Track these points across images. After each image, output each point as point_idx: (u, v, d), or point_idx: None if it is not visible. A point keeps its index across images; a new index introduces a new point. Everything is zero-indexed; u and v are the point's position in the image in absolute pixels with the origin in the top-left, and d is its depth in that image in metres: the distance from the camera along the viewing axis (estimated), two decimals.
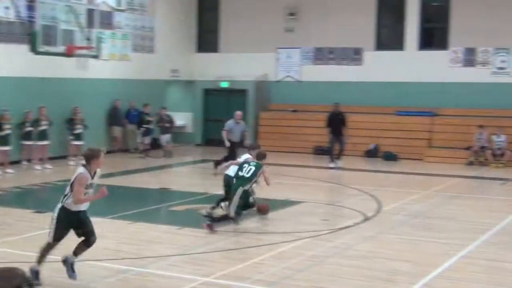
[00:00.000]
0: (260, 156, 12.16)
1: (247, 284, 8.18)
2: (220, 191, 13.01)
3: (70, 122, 20.90)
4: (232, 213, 11.42)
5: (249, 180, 11.62)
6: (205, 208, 12.55)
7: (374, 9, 25.66)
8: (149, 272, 8.65)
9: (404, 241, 10.84)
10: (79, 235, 8.15)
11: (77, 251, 8.14)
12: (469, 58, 24.33)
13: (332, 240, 10.70)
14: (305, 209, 13.61)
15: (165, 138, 23.04)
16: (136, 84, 24.57)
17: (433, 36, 25.86)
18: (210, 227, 10.99)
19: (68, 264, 8.05)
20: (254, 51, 27.08)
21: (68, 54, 21.34)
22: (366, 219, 12.45)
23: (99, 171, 8.19)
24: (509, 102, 23.49)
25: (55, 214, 8.03)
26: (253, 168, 11.66)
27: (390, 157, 23.36)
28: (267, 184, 11.91)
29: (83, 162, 8.16)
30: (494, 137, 22.37)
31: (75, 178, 7.96)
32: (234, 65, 27.19)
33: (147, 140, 23.07)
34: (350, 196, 15.54)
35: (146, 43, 25.50)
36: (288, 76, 27.16)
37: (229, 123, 19.06)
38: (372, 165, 21.83)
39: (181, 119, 27.22)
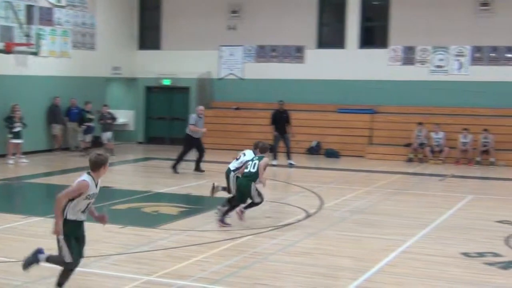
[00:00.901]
0: (264, 149, 12.29)
1: (189, 282, 8.17)
2: (162, 189, 13.00)
3: (9, 120, 20.46)
4: (259, 199, 11.78)
5: (257, 174, 11.76)
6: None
7: (315, 8, 25.88)
8: (91, 272, 8.55)
9: (346, 237, 10.98)
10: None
11: (52, 260, 7.47)
12: (408, 57, 24.76)
13: (274, 237, 10.77)
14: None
15: (106, 136, 22.77)
16: (76, 81, 24.23)
17: (373, 35, 26.23)
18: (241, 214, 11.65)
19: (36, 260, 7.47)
20: (196, 48, 27.01)
21: (7, 50, 20.88)
22: (308, 216, 12.56)
23: (99, 181, 7.44)
24: (447, 100, 24.00)
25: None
26: (257, 162, 11.86)
27: (332, 154, 23.60)
28: (261, 181, 11.90)
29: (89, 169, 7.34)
30: (432, 134, 22.84)
31: (77, 182, 7.24)
32: (177, 62, 27.06)
33: (88, 138, 22.78)
34: (293, 193, 15.66)
35: (86, 40, 25.17)
36: (230, 74, 27.18)
37: (193, 117, 18.78)
38: (314, 162, 22.03)
39: (123, 116, 26.96)
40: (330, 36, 26.55)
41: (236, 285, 8.09)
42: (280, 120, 21.31)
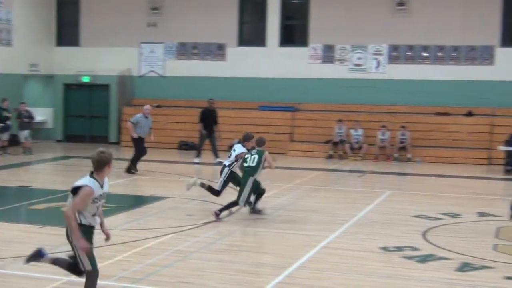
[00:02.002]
0: (261, 143, 12.36)
1: (111, 281, 8.07)
2: None
3: None
4: (242, 203, 11.97)
5: (257, 168, 11.95)
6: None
7: (236, 6, 25.96)
8: (9, 274, 8.34)
9: (268, 234, 11.07)
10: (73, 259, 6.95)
11: (58, 262, 7.18)
12: (328, 55, 25.13)
13: (197, 235, 10.75)
14: (170, 204, 13.59)
15: (24, 134, 22.22)
16: None
17: (294, 33, 26.52)
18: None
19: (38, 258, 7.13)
20: (116, 45, 26.70)
21: None
22: (231, 213, 12.58)
23: (107, 179, 6.98)
24: (366, 98, 24.48)
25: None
26: (257, 156, 11.99)
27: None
28: (271, 167, 12.16)
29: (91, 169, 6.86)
30: (352, 131, 23.25)
31: (80, 189, 6.68)
32: (96, 59, 26.69)
33: (5, 136, 22.17)
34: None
35: (2, 36, 24.53)
36: (151, 71, 26.97)
37: (138, 116, 18.26)
38: None
39: (41, 114, 26.40)
40: (251, 34, 26.70)
41: (158, 284, 8.04)
42: (209, 118, 21.17)
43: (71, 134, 27.31)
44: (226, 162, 12.81)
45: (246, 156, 12.17)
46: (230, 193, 12.87)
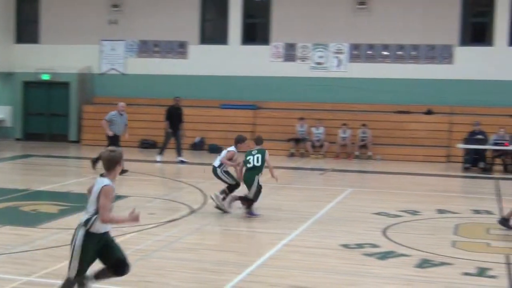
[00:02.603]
0: (260, 141, 12.58)
1: None
2: (42, 187, 12.65)
3: None
4: (252, 196, 12.12)
5: (261, 167, 12.15)
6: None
7: (198, 3, 25.92)
8: None
9: (230, 232, 11.07)
10: (107, 265, 6.76)
11: (99, 276, 6.82)
12: (289, 53, 25.22)
13: (158, 233, 10.70)
14: (131, 203, 13.48)
15: None
16: None
17: (256, 31, 26.55)
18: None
19: (83, 284, 6.69)
20: (76, 42, 26.46)
21: None
22: (192, 211, 12.57)
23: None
24: (327, 96, 24.63)
25: (79, 242, 6.48)
26: (260, 155, 12.14)
27: (215, 149, 23.65)
28: (270, 167, 12.25)
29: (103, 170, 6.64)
30: (313, 129, 23.37)
31: (100, 191, 6.46)
32: (56, 57, 26.41)
33: None
34: (176, 189, 15.63)
35: None
36: (112, 69, 26.77)
37: (112, 114, 17.92)
38: (198, 158, 22.05)
39: (0, 112, 26.02)
40: (213, 32, 26.68)
41: (119, 283, 7.98)
42: (175, 116, 21.08)
43: (30, 133, 26.98)
44: (216, 163, 12.85)
45: (248, 158, 12.27)
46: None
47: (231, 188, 12.75)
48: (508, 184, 18.05)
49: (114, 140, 17.71)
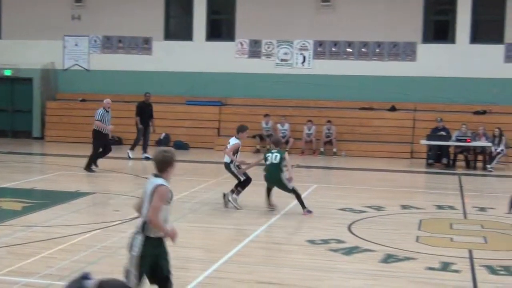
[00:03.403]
0: (279, 142, 13.18)
1: (35, 279, 7.91)
2: (5, 184, 12.47)
3: None
4: (292, 189, 12.49)
5: (280, 164, 12.40)
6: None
7: None
8: None
9: (196, 229, 11.06)
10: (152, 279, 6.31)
11: None
12: (254, 50, 25.24)
13: (124, 230, 10.63)
14: (96, 200, 13.41)
15: None
16: None
17: (220, 28, 26.51)
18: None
19: None
20: (39, 38, 26.16)
21: None
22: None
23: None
24: (292, 92, 24.71)
25: (137, 248, 6.11)
26: (278, 154, 12.45)
27: (181, 146, 23.64)
28: (289, 169, 12.62)
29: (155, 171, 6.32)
30: (278, 126, 23.43)
31: (154, 191, 6.14)
32: (18, 52, 26.07)
33: None
34: (142, 186, 15.51)
35: None
36: (75, 65, 26.53)
37: (100, 112, 17.56)
38: None
39: None
40: (178, 28, 26.58)
41: None
42: (145, 112, 20.99)
43: None
44: (227, 160, 13.12)
45: (267, 155, 12.60)
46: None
47: (244, 184, 12.93)
48: (470, 179, 18.32)
49: (104, 138, 17.54)
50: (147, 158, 20.33)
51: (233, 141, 13.05)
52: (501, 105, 23.34)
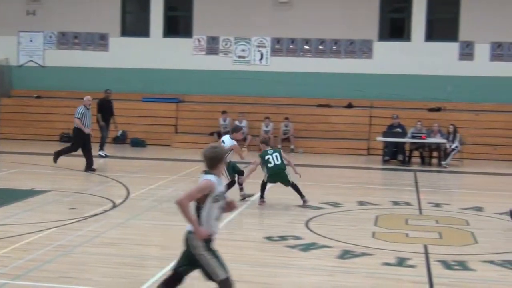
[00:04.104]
0: (268, 142, 13.59)
1: None
2: None
3: None
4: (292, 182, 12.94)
5: (284, 164, 12.85)
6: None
7: None
8: None
9: (153, 226, 11.00)
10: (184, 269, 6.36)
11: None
12: (212, 47, 25.19)
13: (80, 228, 10.54)
14: (52, 198, 13.25)
15: None
16: None
17: (178, 24, 26.40)
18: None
19: None
20: None
21: None
22: (115, 206, 12.43)
23: (222, 179, 6.31)
24: (249, 89, 24.73)
25: (202, 249, 6.20)
26: (277, 153, 12.88)
27: (138, 143, 23.50)
28: (295, 172, 13.09)
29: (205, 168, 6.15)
30: (236, 123, 23.39)
31: (200, 181, 6.13)
32: None
33: None
34: (99, 184, 15.41)
35: None
36: (30, 61, 26.15)
37: (80, 110, 17.17)
38: (120, 152, 21.80)
39: None
40: (135, 24, 26.39)
41: (40, 279, 7.84)
42: (107, 109, 20.80)
43: None
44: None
45: (266, 158, 12.81)
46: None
47: (229, 185, 12.84)
48: (425, 176, 18.56)
49: (84, 136, 17.14)
50: (100, 156, 20.15)
51: (228, 141, 13.00)
52: (456, 102, 23.69)
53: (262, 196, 12.96)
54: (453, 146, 20.62)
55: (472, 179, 18.67)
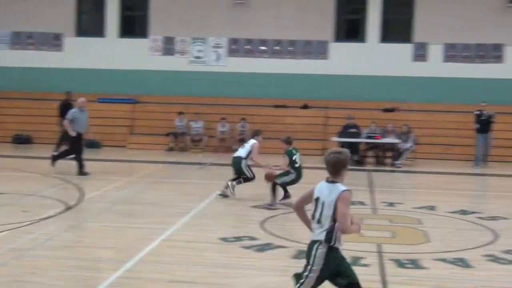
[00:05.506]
0: (292, 141, 13.86)
1: None
2: None
3: None
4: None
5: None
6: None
7: None
8: None
9: (108, 229, 10.92)
10: (341, 285, 5.91)
11: None
12: (168, 47, 25.10)
13: (33, 231, 10.40)
14: (4, 200, 13.05)
15: None
16: None
17: (134, 24, 26.25)
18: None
19: None
20: None
21: None
22: (69, 208, 12.30)
23: None
24: (206, 90, 24.71)
25: (320, 260, 5.79)
26: (298, 153, 13.65)
27: (93, 144, 23.25)
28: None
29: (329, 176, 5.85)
30: (192, 124, 23.38)
31: (338, 198, 5.70)
32: None
33: None
34: (52, 186, 15.22)
35: None
36: None
37: (73, 111, 16.55)
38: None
39: None
40: (90, 24, 26.16)
41: None
42: (67, 111, 20.49)
43: None
44: (242, 154, 14.01)
45: (294, 158, 13.41)
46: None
47: (248, 180, 13.90)
48: (379, 175, 18.77)
49: (77, 140, 16.61)
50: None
51: (253, 142, 14.09)
52: (409, 103, 24.00)
53: (287, 192, 13.34)
54: (406, 146, 20.89)
55: (425, 179, 18.94)
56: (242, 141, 23.07)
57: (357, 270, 8.59)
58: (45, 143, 20.66)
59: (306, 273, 5.83)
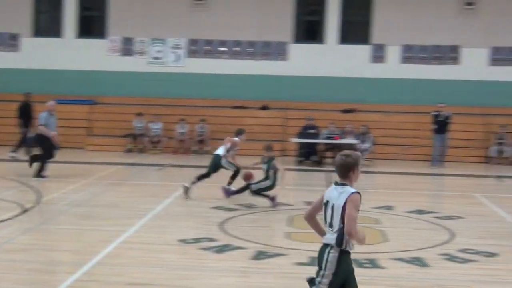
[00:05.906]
0: (270, 149, 14.01)
1: None
2: None
3: None
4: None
5: None
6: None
7: None
8: None
9: (65, 231, 10.81)
10: None
11: None
12: (127, 48, 24.94)
13: None
14: None
15: None
16: None
17: (92, 25, 26.00)
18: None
19: None
20: None
21: None
22: (25, 211, 12.13)
23: None
24: (164, 91, 24.62)
25: (332, 265, 5.65)
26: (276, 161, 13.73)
27: None
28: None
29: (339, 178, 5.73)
30: (151, 125, 23.26)
31: (346, 200, 5.57)
32: None
33: None
34: (8, 188, 14.99)
35: None
36: None
37: (44, 116, 16.11)
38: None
39: None
40: (47, 24, 25.86)
41: None
42: (28, 113, 20.27)
43: None
44: (221, 152, 14.52)
45: (272, 165, 13.52)
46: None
47: (234, 175, 14.26)
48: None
49: (48, 142, 16.13)
50: (12, 158, 19.68)
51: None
52: (368, 104, 24.22)
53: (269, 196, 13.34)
54: (365, 147, 21.07)
55: (382, 179, 19.13)
56: (202, 142, 23.12)
57: (315, 270, 8.68)
58: (2, 145, 20.35)
59: (319, 279, 5.73)
